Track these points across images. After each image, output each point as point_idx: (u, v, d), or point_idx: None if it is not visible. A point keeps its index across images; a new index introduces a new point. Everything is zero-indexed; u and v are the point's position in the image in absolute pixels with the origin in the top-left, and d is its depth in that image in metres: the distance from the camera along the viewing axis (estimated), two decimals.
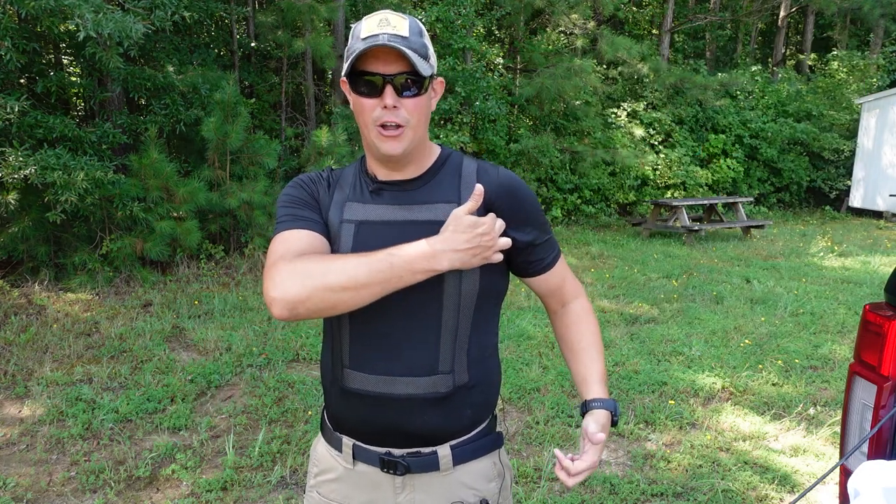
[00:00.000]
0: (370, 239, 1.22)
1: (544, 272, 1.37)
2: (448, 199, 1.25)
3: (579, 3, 11.59)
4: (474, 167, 1.30)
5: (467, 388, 1.27)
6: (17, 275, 6.19)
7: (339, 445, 1.32)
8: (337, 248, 1.24)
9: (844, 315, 5.90)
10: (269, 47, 9.39)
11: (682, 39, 17.55)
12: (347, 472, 1.32)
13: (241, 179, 7.23)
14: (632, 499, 2.95)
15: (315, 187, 1.30)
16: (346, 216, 1.26)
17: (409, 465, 1.27)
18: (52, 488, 2.97)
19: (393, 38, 1.15)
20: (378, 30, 1.16)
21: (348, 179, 1.31)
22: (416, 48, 1.17)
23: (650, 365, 4.58)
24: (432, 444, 1.28)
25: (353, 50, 1.17)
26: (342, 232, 1.24)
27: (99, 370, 4.26)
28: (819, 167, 14.95)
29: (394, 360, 1.23)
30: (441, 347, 1.23)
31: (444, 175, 1.28)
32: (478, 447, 1.32)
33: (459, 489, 1.30)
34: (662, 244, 9.75)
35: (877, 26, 17.76)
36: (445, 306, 1.22)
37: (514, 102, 11.71)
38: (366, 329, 1.24)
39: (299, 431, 3.50)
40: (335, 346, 1.28)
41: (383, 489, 1.29)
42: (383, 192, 1.27)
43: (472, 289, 1.23)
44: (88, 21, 4.95)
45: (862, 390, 1.77)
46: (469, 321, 1.25)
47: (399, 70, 1.16)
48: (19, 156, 5.27)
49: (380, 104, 1.17)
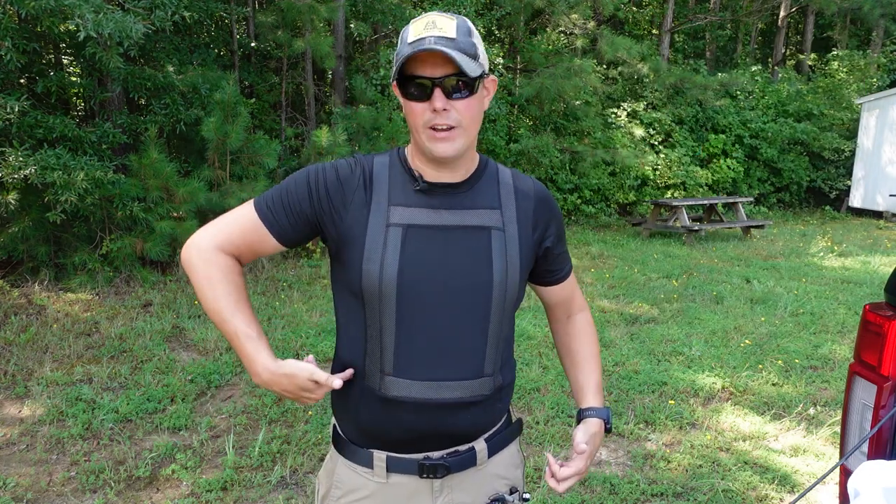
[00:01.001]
0: (419, 244, 1.20)
1: (560, 282, 1.41)
2: (491, 205, 1.26)
3: (579, 3, 11.59)
4: (509, 174, 1.32)
5: (502, 387, 1.30)
6: (17, 275, 6.19)
7: (370, 461, 1.26)
8: (383, 253, 1.18)
9: (844, 315, 5.90)
10: (269, 47, 9.39)
11: (682, 39, 17.55)
12: (380, 486, 1.27)
13: (241, 179, 7.23)
14: (632, 499, 2.95)
15: (342, 191, 1.22)
16: (392, 219, 1.20)
17: (450, 465, 1.26)
18: (52, 488, 2.97)
19: (439, 40, 1.13)
20: (425, 33, 1.14)
21: (385, 174, 1.25)
22: (464, 48, 1.15)
23: (650, 365, 4.58)
24: (468, 441, 1.29)
25: (401, 54, 1.15)
26: (389, 236, 1.19)
27: (99, 370, 4.26)
28: (819, 167, 14.95)
29: (441, 365, 1.21)
30: (488, 350, 1.24)
31: (485, 180, 1.28)
32: (506, 436, 1.36)
33: (493, 481, 1.32)
34: (662, 244, 9.75)
35: (877, 26, 17.77)
36: (493, 311, 1.23)
37: (514, 102, 11.71)
38: (413, 335, 1.20)
39: (299, 431, 3.50)
40: (370, 352, 1.22)
41: (421, 496, 1.27)
42: (431, 194, 1.23)
43: (512, 294, 1.25)
44: (88, 21, 4.94)
45: (862, 390, 1.77)
46: (508, 325, 1.28)
47: (447, 73, 1.14)
48: (19, 156, 5.27)
49: (429, 108, 1.15)
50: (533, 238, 1.29)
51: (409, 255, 1.18)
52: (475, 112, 1.20)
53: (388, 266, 1.17)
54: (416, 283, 1.19)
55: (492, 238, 1.23)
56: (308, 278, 6.94)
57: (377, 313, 1.20)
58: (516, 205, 1.28)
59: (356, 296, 1.22)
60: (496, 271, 1.22)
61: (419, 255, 1.19)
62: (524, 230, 1.27)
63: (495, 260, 1.22)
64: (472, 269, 1.21)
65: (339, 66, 9.55)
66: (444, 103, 1.14)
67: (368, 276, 1.18)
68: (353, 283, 1.21)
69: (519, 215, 1.27)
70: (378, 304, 1.19)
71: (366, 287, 1.19)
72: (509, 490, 1.33)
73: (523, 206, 1.29)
